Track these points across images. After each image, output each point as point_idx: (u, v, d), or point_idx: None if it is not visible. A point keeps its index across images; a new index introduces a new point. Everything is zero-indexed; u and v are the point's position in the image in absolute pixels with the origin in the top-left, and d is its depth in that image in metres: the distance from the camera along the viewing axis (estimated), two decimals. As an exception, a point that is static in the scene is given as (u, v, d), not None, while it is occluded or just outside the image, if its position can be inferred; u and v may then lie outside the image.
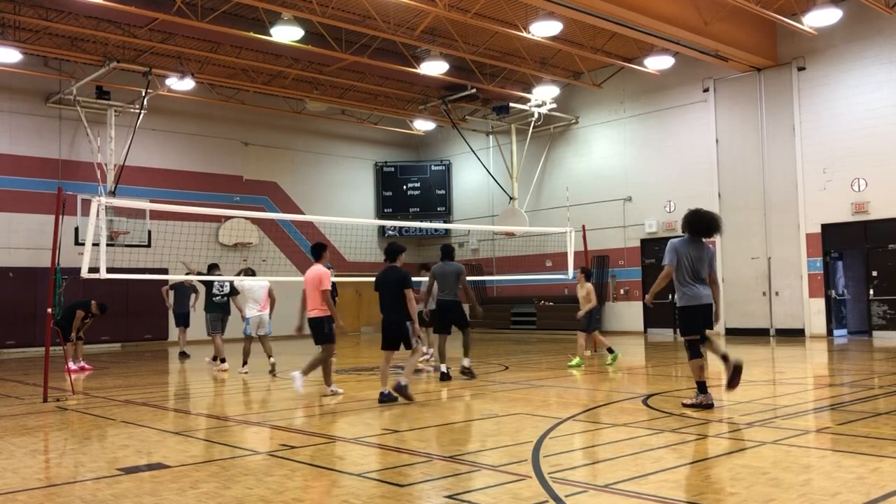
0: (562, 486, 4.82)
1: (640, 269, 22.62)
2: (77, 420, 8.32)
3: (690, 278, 7.87)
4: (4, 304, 19.72)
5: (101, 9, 16.60)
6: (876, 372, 11.64)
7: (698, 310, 7.84)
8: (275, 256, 24.77)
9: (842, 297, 19.41)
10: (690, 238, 7.99)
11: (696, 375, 7.87)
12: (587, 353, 15.59)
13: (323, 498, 4.80)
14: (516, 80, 23.08)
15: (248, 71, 22.03)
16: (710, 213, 8.06)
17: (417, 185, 28.19)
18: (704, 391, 7.80)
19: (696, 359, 7.85)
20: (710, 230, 7.99)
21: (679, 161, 21.63)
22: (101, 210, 10.85)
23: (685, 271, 7.87)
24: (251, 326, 12.98)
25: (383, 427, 7.53)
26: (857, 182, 18.24)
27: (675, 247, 7.93)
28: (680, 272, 7.89)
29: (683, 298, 7.93)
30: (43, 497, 4.99)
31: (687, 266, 7.86)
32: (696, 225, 7.96)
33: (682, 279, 7.90)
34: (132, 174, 21.27)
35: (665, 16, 16.84)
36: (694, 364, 7.86)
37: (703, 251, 7.93)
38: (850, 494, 4.51)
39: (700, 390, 7.82)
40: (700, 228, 7.96)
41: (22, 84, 20.56)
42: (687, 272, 7.87)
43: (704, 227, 7.96)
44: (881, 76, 18.01)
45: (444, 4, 16.13)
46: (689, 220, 8.03)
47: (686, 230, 8.04)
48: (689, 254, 7.86)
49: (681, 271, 7.88)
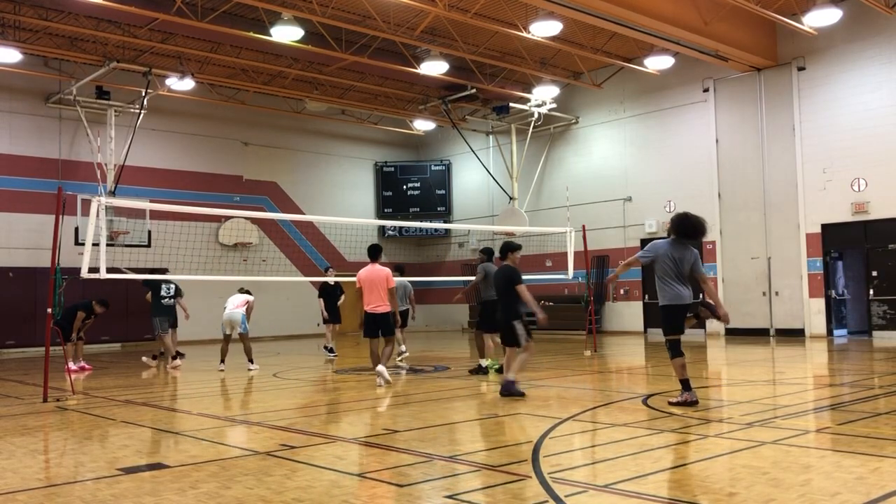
0: (562, 486, 4.82)
1: (640, 269, 22.61)
2: (77, 420, 8.32)
3: (673, 279, 8.06)
4: (4, 304, 19.72)
5: (101, 9, 16.59)
6: (876, 372, 11.64)
7: (680, 309, 8.06)
8: (275, 256, 24.77)
9: (842, 297, 19.41)
10: (675, 239, 8.21)
11: (679, 374, 8.11)
12: (587, 353, 15.63)
13: (323, 498, 4.80)
14: (516, 80, 23.09)
15: (248, 71, 22.02)
16: (697, 217, 8.30)
17: (417, 185, 28.18)
18: (689, 388, 8.04)
19: (677, 357, 8.05)
20: (696, 233, 8.20)
21: (679, 161, 21.63)
22: (101, 210, 10.85)
23: (668, 271, 8.07)
24: (225, 325, 13.64)
25: (383, 427, 7.53)
26: (857, 182, 18.24)
27: (655, 246, 8.23)
28: (663, 272, 8.10)
29: (665, 297, 8.12)
30: (43, 497, 4.99)
31: (670, 266, 8.06)
32: (682, 227, 8.20)
33: (664, 279, 8.11)
34: (132, 174, 21.26)
35: (665, 16, 16.84)
36: (676, 363, 8.07)
37: (686, 252, 8.12)
38: (850, 494, 4.51)
39: (684, 388, 8.05)
40: (686, 231, 8.18)
41: (22, 84, 20.56)
42: (670, 272, 8.07)
43: (691, 230, 8.18)
44: (881, 76, 18.00)
45: (444, 4, 16.13)
46: (676, 222, 8.30)
47: (672, 232, 8.30)
48: (671, 254, 8.08)
49: (664, 271, 8.09)
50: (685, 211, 8.52)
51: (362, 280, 10.74)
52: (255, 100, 23.97)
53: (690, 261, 8.10)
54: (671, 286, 8.03)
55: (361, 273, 10.82)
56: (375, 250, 11.13)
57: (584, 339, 17.15)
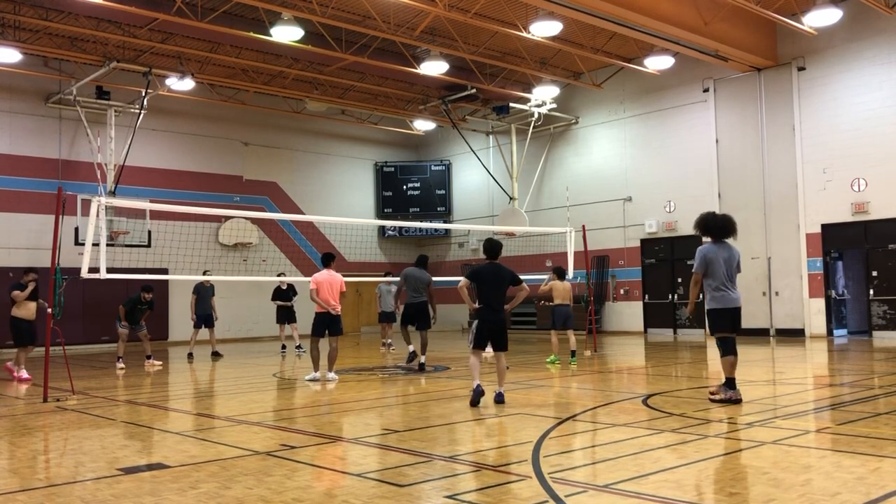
0: (562, 486, 4.82)
1: (640, 269, 22.63)
2: (77, 420, 8.32)
3: (723, 282, 8.11)
4: (4, 305, 19.67)
5: (101, 9, 16.59)
6: (876, 372, 11.64)
7: (725, 312, 8.14)
8: (275, 256, 24.77)
9: (842, 297, 19.41)
10: (715, 241, 8.26)
11: (727, 372, 8.14)
12: (587, 353, 15.63)
13: (323, 498, 4.80)
14: (516, 80, 23.08)
15: (248, 71, 22.02)
16: (726, 215, 8.42)
17: (417, 185, 28.19)
18: (733, 387, 8.08)
19: (727, 356, 8.13)
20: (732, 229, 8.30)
21: (679, 161, 21.64)
22: (101, 210, 10.87)
23: (719, 275, 8.10)
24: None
25: (383, 427, 7.53)
26: (857, 182, 18.24)
27: (704, 254, 8.19)
28: (714, 276, 8.11)
29: (713, 301, 8.18)
30: (43, 497, 4.99)
31: (721, 270, 8.10)
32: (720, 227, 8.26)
33: (714, 283, 8.12)
34: (132, 174, 21.26)
35: (665, 16, 16.84)
36: (725, 361, 8.16)
37: (732, 252, 8.24)
38: (850, 494, 4.52)
39: (729, 386, 8.09)
40: (725, 230, 8.26)
41: (22, 84, 20.56)
42: (720, 276, 8.10)
43: (729, 228, 8.28)
44: (881, 76, 18.00)
45: (444, 4, 16.12)
46: (714, 223, 8.31)
47: (709, 233, 8.31)
48: (720, 258, 8.13)
49: (715, 276, 8.11)
50: (710, 211, 8.63)
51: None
52: (255, 100, 23.97)
53: (737, 258, 8.25)
54: (720, 291, 8.11)
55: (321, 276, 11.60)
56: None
57: (584, 339, 17.15)
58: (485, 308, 8.58)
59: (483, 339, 8.67)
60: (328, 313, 11.36)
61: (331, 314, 11.37)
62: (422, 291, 12.86)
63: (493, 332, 8.63)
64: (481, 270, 8.65)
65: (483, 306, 8.59)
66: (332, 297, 11.37)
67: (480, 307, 8.62)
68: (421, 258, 13.49)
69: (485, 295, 8.58)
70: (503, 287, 8.64)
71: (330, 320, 11.40)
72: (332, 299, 11.36)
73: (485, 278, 8.60)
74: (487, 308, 8.56)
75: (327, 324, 11.40)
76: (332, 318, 11.40)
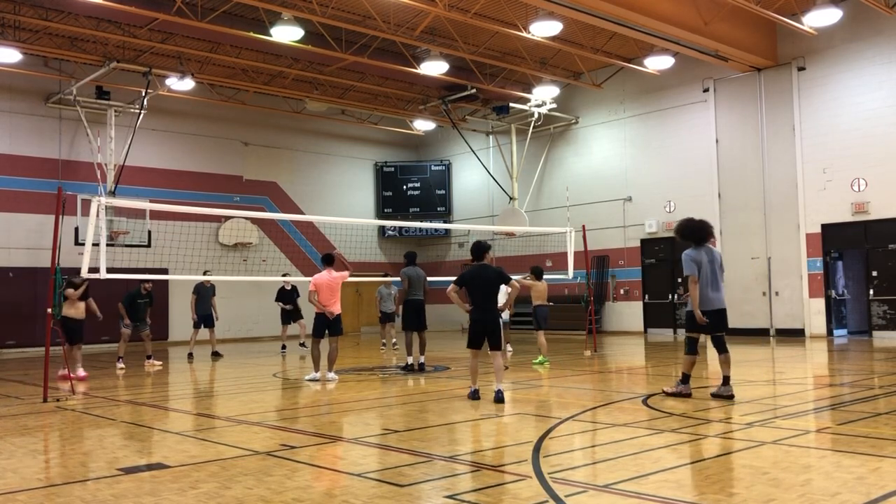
0: (562, 486, 4.82)
1: (640, 269, 22.63)
2: (77, 420, 8.32)
3: (707, 284, 8.39)
4: (4, 304, 19.73)
5: (101, 9, 16.59)
6: (876, 372, 11.64)
7: (708, 315, 8.39)
8: (275, 256, 24.77)
9: (842, 297, 19.41)
10: (697, 246, 8.54)
11: (686, 368, 8.64)
12: (587, 353, 15.64)
13: (323, 498, 4.80)
14: (516, 80, 23.08)
15: (248, 71, 22.02)
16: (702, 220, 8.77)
17: (417, 185, 28.19)
18: (686, 382, 8.59)
19: (691, 354, 8.61)
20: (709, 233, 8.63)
21: (679, 161, 21.63)
22: (101, 210, 10.86)
23: (705, 277, 8.39)
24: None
25: (383, 427, 7.53)
26: (856, 182, 18.24)
27: (692, 257, 8.46)
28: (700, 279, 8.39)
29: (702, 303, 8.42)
30: (43, 497, 4.99)
31: (707, 273, 8.39)
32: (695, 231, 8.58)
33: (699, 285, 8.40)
34: (132, 174, 21.26)
35: (665, 16, 16.84)
36: (687, 359, 8.63)
37: (713, 254, 8.55)
38: (850, 494, 4.52)
39: (683, 381, 8.59)
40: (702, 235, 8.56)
41: (22, 84, 20.55)
42: (706, 278, 8.39)
43: (705, 232, 8.59)
44: (881, 76, 18.00)
45: (444, 4, 16.12)
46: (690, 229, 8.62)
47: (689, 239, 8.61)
48: (704, 260, 8.42)
49: (701, 278, 8.39)
50: (687, 217, 8.92)
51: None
52: (255, 100, 23.97)
53: (719, 260, 8.55)
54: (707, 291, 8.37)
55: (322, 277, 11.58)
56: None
57: (584, 339, 17.14)
58: (475, 309, 8.91)
59: (476, 339, 8.92)
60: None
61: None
62: (423, 289, 12.85)
63: (486, 332, 8.86)
64: (467, 274, 9.02)
65: (474, 307, 8.91)
66: (332, 298, 11.41)
67: (472, 308, 8.94)
68: (412, 255, 13.23)
69: (474, 296, 8.91)
70: (491, 287, 8.91)
71: (330, 320, 11.46)
72: (331, 302, 11.40)
73: (472, 280, 8.93)
74: (477, 308, 8.89)
75: (327, 324, 11.44)
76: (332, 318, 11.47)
